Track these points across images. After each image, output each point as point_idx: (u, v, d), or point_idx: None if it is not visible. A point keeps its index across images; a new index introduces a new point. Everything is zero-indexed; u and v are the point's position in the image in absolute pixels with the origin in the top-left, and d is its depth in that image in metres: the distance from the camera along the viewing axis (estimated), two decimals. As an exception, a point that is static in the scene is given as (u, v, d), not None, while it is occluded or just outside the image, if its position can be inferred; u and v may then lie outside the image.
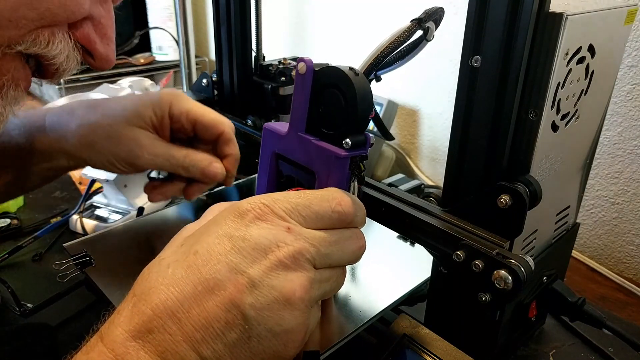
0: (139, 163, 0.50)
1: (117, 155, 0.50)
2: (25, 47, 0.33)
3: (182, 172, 0.51)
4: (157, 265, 0.32)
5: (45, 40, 0.33)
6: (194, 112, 0.52)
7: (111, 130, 0.49)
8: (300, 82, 0.39)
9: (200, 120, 0.52)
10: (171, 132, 0.53)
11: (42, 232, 0.70)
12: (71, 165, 0.53)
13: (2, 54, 0.32)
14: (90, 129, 0.50)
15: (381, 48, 0.38)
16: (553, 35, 0.35)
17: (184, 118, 0.52)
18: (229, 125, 0.53)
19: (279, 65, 0.71)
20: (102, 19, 0.37)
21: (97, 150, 0.50)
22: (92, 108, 0.51)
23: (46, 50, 0.33)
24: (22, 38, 0.32)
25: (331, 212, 0.34)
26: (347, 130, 0.37)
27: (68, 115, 0.51)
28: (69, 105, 0.53)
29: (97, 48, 0.37)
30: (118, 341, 0.28)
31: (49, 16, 0.32)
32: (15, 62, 0.34)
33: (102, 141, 0.49)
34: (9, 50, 0.32)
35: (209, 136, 0.53)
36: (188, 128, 0.53)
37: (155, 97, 0.52)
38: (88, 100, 0.53)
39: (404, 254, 0.54)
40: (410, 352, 0.40)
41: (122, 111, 0.50)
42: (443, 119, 0.95)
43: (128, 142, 0.49)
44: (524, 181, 0.38)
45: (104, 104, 0.51)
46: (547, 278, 0.47)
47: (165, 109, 0.51)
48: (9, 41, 0.32)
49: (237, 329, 0.29)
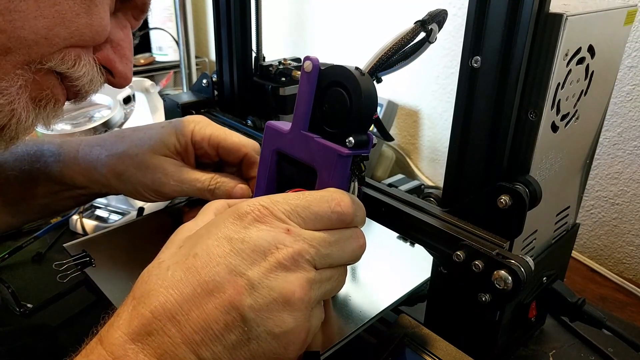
0: (165, 190, 0.51)
1: (144, 184, 0.51)
2: (55, 65, 0.35)
3: (209, 195, 0.51)
4: (156, 267, 0.32)
5: (71, 61, 0.35)
6: (216, 137, 0.53)
7: (138, 159, 0.51)
8: (306, 80, 0.39)
9: (222, 144, 0.53)
10: (196, 157, 0.54)
11: (42, 232, 0.70)
12: (103, 192, 0.56)
13: (37, 70, 0.34)
14: (119, 159, 0.52)
15: (384, 50, 0.38)
16: (553, 36, 0.35)
17: (206, 144, 0.53)
18: (253, 147, 0.54)
19: (279, 66, 0.71)
20: (121, 41, 0.40)
21: (125, 179, 0.52)
22: (120, 138, 0.53)
23: (72, 70, 0.36)
24: (53, 56, 0.34)
25: (330, 213, 0.34)
26: (351, 130, 0.37)
27: (99, 147, 0.53)
28: (100, 136, 0.56)
29: (117, 67, 0.40)
30: (117, 344, 0.28)
31: (77, 35, 0.34)
32: (52, 79, 0.36)
33: (130, 170, 0.51)
34: (40, 66, 0.34)
35: (232, 159, 0.54)
36: (211, 153, 0.54)
37: (178, 125, 0.53)
38: (117, 130, 0.56)
39: (404, 254, 0.54)
40: (410, 352, 0.40)
41: (148, 141, 0.52)
42: (443, 119, 0.95)
43: (154, 171, 0.51)
44: (524, 181, 0.38)
45: (130, 134, 0.54)
46: (547, 278, 0.47)
47: (187, 136, 0.53)
48: (42, 57, 0.34)
49: (237, 331, 0.30)
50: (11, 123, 0.35)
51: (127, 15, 0.41)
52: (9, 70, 0.33)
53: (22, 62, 0.33)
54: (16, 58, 0.33)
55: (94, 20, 0.35)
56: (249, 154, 0.53)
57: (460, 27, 0.38)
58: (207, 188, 0.51)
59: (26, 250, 0.68)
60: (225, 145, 0.53)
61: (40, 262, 0.67)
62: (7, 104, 0.34)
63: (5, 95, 0.34)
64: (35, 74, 0.35)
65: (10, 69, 0.33)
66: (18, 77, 0.34)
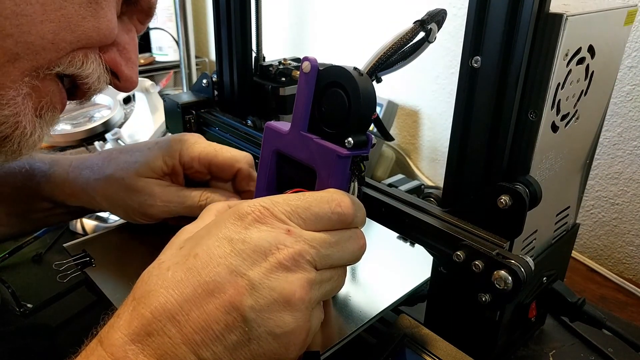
0: (152, 212, 0.51)
1: (131, 207, 0.51)
2: (63, 69, 0.35)
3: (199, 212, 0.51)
4: (156, 268, 0.32)
5: (79, 61, 0.36)
6: (205, 155, 0.52)
7: (125, 183, 0.51)
8: (304, 80, 0.39)
9: (214, 161, 0.52)
10: (187, 176, 0.54)
11: (42, 232, 0.70)
12: (96, 210, 0.57)
13: (43, 76, 0.34)
14: (106, 182, 0.52)
15: (384, 49, 0.38)
16: (553, 36, 0.35)
17: (196, 163, 0.52)
18: (246, 161, 0.53)
19: (279, 66, 0.71)
20: (126, 45, 0.40)
21: (114, 202, 0.52)
22: (108, 161, 0.53)
23: (81, 70, 0.36)
24: (61, 60, 0.34)
25: (331, 214, 0.34)
26: (350, 130, 0.37)
27: (88, 170, 0.53)
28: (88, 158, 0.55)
29: (123, 70, 0.40)
30: (117, 345, 0.28)
31: (84, 38, 0.35)
32: (52, 85, 0.36)
33: (119, 194, 0.51)
34: (48, 72, 0.34)
35: (225, 175, 0.53)
36: (203, 171, 0.53)
37: (165, 146, 0.53)
38: (105, 151, 0.56)
39: (404, 254, 0.54)
40: (410, 352, 0.40)
41: (133, 164, 0.51)
42: (443, 119, 0.95)
43: (140, 193, 0.51)
44: (524, 181, 0.38)
45: (117, 157, 0.53)
46: (547, 278, 0.47)
47: (175, 158, 0.52)
48: (49, 63, 0.34)
49: (237, 331, 0.30)
50: (14, 135, 0.35)
51: (133, 19, 0.41)
52: (17, 78, 0.33)
53: (30, 68, 0.33)
54: (24, 64, 0.33)
55: (101, 23, 0.35)
56: (243, 169, 0.52)
57: (460, 27, 0.38)
58: (197, 204, 0.50)
59: (26, 250, 0.68)
60: (216, 163, 0.52)
61: (40, 262, 0.67)
62: (12, 115, 0.34)
63: (12, 105, 0.33)
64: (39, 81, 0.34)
65: (18, 76, 0.33)
66: (25, 85, 0.33)
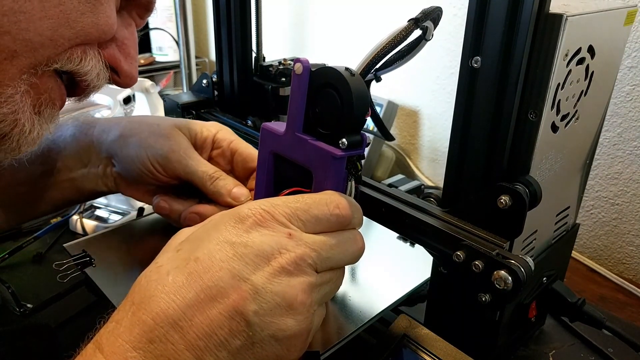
0: (172, 158, 0.50)
1: (153, 150, 0.51)
2: (61, 65, 0.35)
3: (208, 183, 0.51)
4: (155, 272, 0.31)
5: (78, 58, 0.35)
6: (236, 143, 0.54)
7: (155, 127, 0.52)
8: (297, 82, 0.39)
9: (240, 151, 0.54)
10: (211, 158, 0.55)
11: (42, 232, 0.70)
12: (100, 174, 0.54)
13: (42, 73, 0.34)
14: (137, 122, 0.53)
15: (378, 48, 0.38)
16: (553, 36, 0.35)
17: (226, 144, 0.54)
18: None
19: (279, 66, 0.71)
20: (125, 40, 0.40)
21: (135, 142, 0.51)
22: (143, 117, 0.55)
23: (79, 66, 0.36)
24: (59, 57, 0.34)
25: (330, 215, 0.34)
26: (344, 131, 0.37)
27: (116, 121, 0.54)
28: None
29: (122, 66, 0.40)
30: (119, 352, 0.28)
31: (83, 35, 0.34)
32: (51, 81, 0.36)
33: (144, 133, 0.51)
34: (46, 69, 0.34)
35: (243, 170, 0.54)
36: (227, 155, 0.55)
37: (206, 123, 0.56)
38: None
39: (404, 254, 0.54)
40: (410, 352, 0.40)
41: (173, 120, 0.54)
42: (443, 119, 0.95)
43: (168, 138, 0.51)
44: (524, 182, 0.38)
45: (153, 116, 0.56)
46: (547, 278, 0.47)
47: (212, 132, 0.54)
48: (48, 60, 0.34)
49: (241, 336, 0.29)
50: (13, 133, 0.34)
51: (132, 14, 0.41)
52: (15, 76, 0.32)
53: (29, 65, 0.33)
54: (22, 62, 0.32)
55: (100, 19, 0.35)
56: None
57: (460, 27, 0.38)
58: (209, 174, 0.50)
59: (26, 250, 0.68)
60: (243, 152, 0.54)
61: (40, 262, 0.67)
62: (10, 113, 0.33)
63: (10, 103, 0.33)
64: (37, 78, 0.34)
65: (16, 73, 0.32)
66: (23, 82, 0.33)
